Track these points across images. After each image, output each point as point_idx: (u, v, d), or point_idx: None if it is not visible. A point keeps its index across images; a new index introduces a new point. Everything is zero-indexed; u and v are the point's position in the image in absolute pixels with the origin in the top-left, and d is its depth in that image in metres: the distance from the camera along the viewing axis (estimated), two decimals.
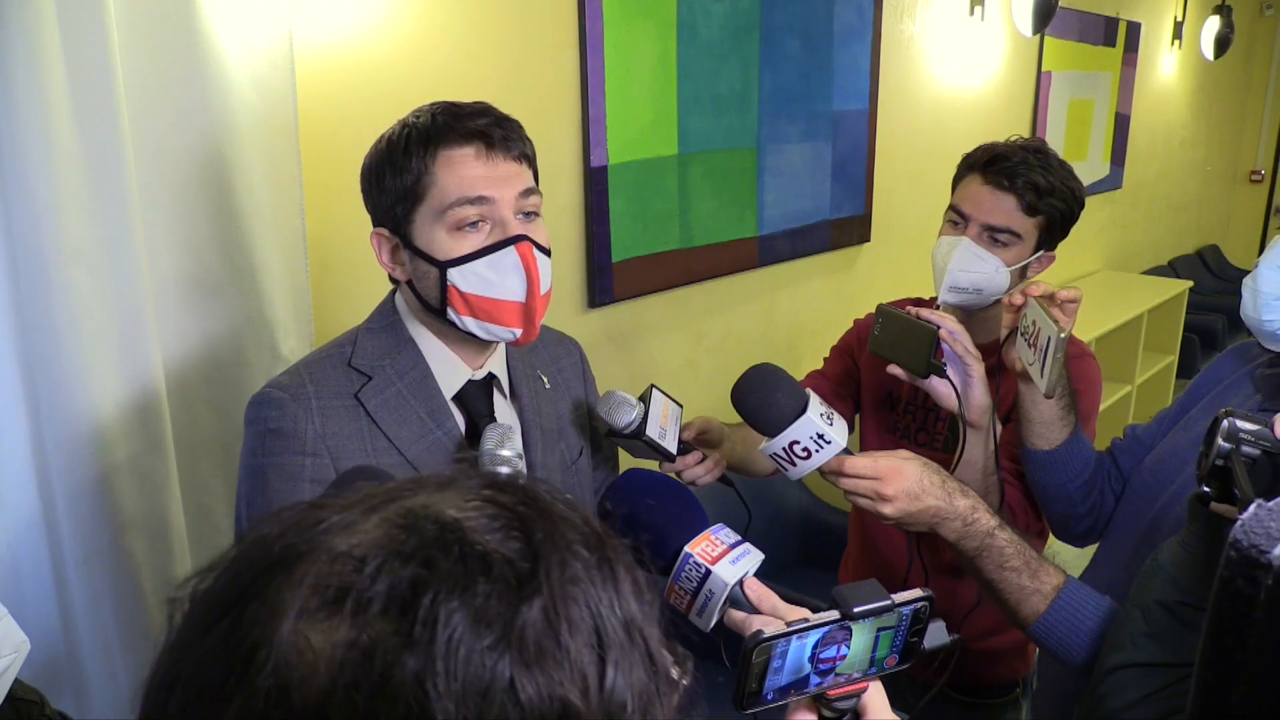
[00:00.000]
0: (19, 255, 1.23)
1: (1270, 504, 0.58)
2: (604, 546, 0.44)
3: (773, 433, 1.13)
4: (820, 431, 1.12)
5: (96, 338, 1.29)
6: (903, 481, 1.12)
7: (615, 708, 0.40)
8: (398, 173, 1.04)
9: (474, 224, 1.05)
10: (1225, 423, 0.87)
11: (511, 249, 1.05)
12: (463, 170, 1.03)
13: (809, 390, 1.16)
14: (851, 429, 1.29)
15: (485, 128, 1.04)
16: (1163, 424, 1.40)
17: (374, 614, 0.37)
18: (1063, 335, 1.19)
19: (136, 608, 1.39)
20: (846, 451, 1.14)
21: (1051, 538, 1.57)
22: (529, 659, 0.38)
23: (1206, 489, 0.90)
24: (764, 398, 1.14)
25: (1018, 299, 1.33)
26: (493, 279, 1.05)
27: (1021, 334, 1.31)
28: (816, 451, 1.13)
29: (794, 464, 1.15)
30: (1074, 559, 1.51)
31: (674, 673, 0.46)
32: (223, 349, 1.49)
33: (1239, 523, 0.58)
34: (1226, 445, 0.86)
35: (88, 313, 1.27)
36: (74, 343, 1.26)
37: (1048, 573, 1.12)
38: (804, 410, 1.12)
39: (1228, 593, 0.58)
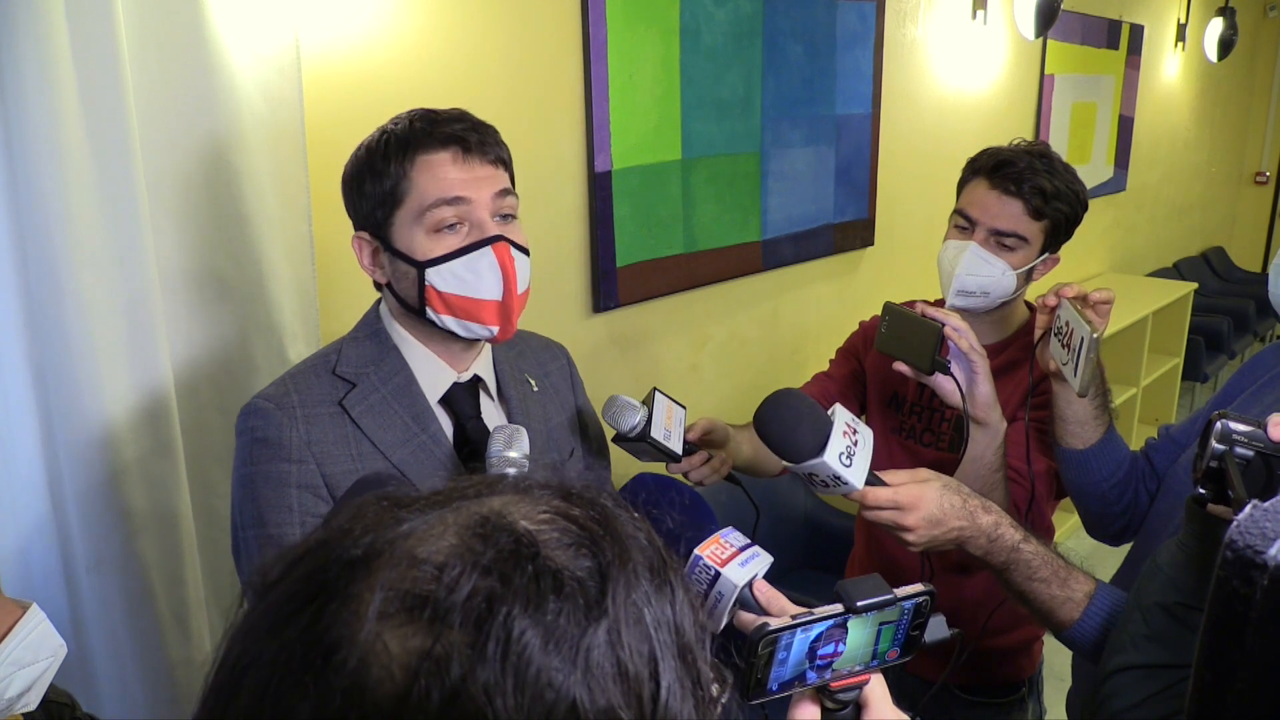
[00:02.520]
0: (30, 260, 1.24)
1: (1266, 504, 0.59)
2: (665, 567, 0.46)
3: (792, 461, 1.11)
4: (836, 474, 1.09)
5: (106, 342, 1.30)
6: (923, 510, 1.11)
7: None
8: (377, 178, 1.07)
9: (452, 226, 1.07)
10: (1219, 424, 0.87)
11: (488, 249, 1.08)
12: (440, 173, 1.06)
13: (834, 422, 1.10)
14: None
15: (462, 132, 1.07)
16: (1197, 422, 1.40)
17: (450, 625, 0.39)
18: (1096, 335, 1.21)
19: (147, 610, 1.40)
20: (872, 477, 1.12)
21: (1060, 533, 1.57)
22: (591, 679, 0.40)
23: (1202, 490, 0.91)
24: (785, 430, 1.10)
25: (1051, 300, 1.34)
26: (470, 279, 1.08)
27: (1055, 334, 1.33)
28: (835, 487, 1.11)
29: (813, 487, 1.15)
30: (1089, 550, 1.50)
31: (715, 689, 0.47)
32: (230, 353, 1.50)
33: (1234, 523, 0.58)
34: (1220, 447, 0.87)
35: (98, 317, 1.29)
36: (84, 346, 1.28)
37: (1077, 580, 1.12)
38: (823, 450, 1.08)
39: (1224, 593, 0.58)
